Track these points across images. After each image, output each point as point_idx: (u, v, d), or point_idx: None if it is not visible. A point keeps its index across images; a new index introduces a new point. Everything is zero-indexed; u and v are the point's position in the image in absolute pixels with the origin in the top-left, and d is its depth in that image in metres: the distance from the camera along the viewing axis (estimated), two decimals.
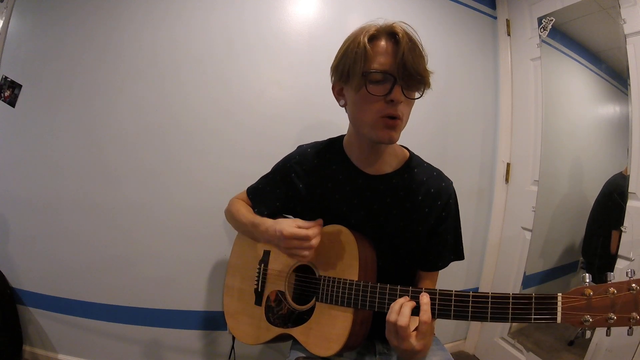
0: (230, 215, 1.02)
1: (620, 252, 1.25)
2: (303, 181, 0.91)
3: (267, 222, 0.87)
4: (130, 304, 1.39)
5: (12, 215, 1.42)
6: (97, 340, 1.40)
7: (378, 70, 0.71)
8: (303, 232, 0.77)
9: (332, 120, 1.34)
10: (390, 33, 0.71)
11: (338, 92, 0.82)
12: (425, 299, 0.67)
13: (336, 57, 0.79)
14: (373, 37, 0.72)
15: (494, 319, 0.61)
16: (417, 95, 0.75)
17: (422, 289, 0.69)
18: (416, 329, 0.65)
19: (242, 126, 1.40)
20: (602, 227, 1.42)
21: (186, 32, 1.37)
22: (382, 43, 0.72)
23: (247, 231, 0.96)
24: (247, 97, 1.40)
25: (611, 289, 0.54)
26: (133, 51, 1.37)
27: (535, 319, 0.58)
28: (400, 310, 0.66)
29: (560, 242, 1.66)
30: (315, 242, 0.78)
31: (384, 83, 0.71)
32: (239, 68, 1.39)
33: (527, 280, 1.61)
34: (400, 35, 0.70)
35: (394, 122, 0.73)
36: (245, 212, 0.97)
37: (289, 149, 1.00)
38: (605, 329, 0.55)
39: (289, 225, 0.79)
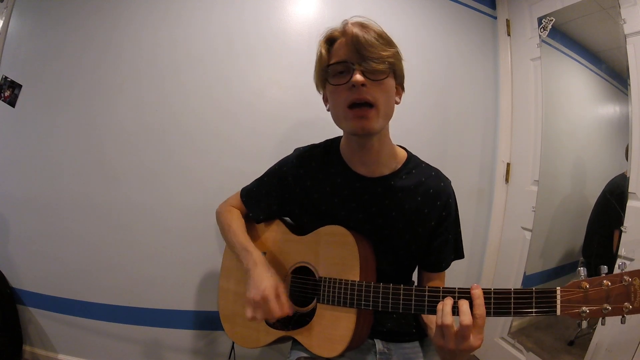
0: (221, 226, 0.98)
1: (620, 252, 1.25)
2: (300, 185, 0.90)
3: (258, 259, 0.83)
4: (130, 304, 1.39)
5: (12, 215, 1.42)
6: (97, 340, 1.40)
7: (335, 62, 0.75)
8: (271, 307, 0.76)
9: (331, 120, 1.34)
10: (343, 28, 0.76)
11: (325, 99, 0.85)
12: (477, 291, 0.63)
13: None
14: (330, 39, 0.78)
15: (497, 313, 0.62)
16: (381, 76, 0.74)
17: (425, 287, 0.69)
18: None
19: (242, 126, 1.40)
20: (603, 227, 1.42)
21: (186, 32, 1.38)
22: (339, 41, 0.76)
23: (234, 251, 0.92)
24: (247, 97, 1.40)
25: (605, 282, 0.57)
26: (133, 51, 1.37)
27: (536, 312, 0.59)
28: (460, 310, 0.62)
29: (561, 242, 1.66)
30: (270, 319, 0.79)
31: (345, 73, 0.74)
32: (239, 68, 1.40)
33: (527, 280, 1.61)
34: (349, 26, 0.74)
35: (362, 111, 0.73)
36: (238, 231, 0.92)
37: (289, 149, 1.00)
38: (601, 319, 0.58)
39: (271, 290, 0.77)
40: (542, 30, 1.58)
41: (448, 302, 0.64)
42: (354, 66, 0.72)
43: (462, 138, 1.72)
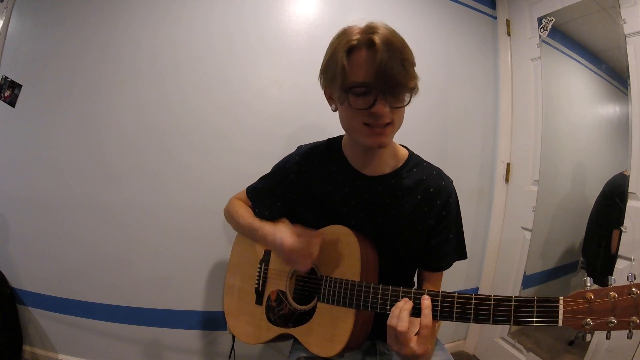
0: (229, 216, 1.02)
1: (620, 252, 1.25)
2: (302, 183, 0.91)
3: (266, 228, 0.87)
4: (130, 304, 1.39)
5: (12, 215, 1.42)
6: (97, 340, 1.40)
7: (358, 84, 0.70)
8: (303, 245, 0.78)
9: (331, 120, 1.34)
10: (368, 42, 0.69)
11: (329, 97, 0.81)
12: (426, 302, 0.66)
13: (323, 62, 0.78)
14: (352, 49, 0.71)
15: (496, 321, 0.61)
16: (400, 104, 0.73)
17: (424, 290, 0.69)
18: (417, 333, 0.65)
19: (242, 126, 1.40)
20: (603, 227, 1.42)
21: (186, 32, 1.37)
22: (362, 54, 0.70)
23: (246, 233, 0.96)
24: (247, 97, 1.40)
25: (612, 293, 0.54)
26: (133, 51, 1.37)
27: (536, 321, 0.58)
28: (399, 315, 0.65)
29: (560, 242, 1.66)
30: (315, 253, 0.79)
31: (366, 95, 0.70)
32: (239, 68, 1.40)
33: (527, 280, 1.61)
34: (378, 45, 0.67)
35: (381, 130, 0.73)
36: (244, 214, 0.96)
37: (289, 148, 1.00)
38: (606, 333, 0.55)
39: (289, 235, 0.80)
40: (542, 30, 1.58)
41: (398, 304, 0.67)
42: (379, 96, 0.69)
43: (462, 138, 1.72)
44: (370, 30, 0.70)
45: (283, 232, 0.82)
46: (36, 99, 1.40)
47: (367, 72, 0.69)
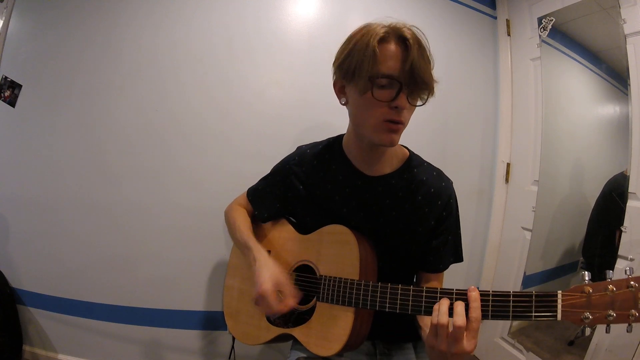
0: (228, 224, 1.00)
1: (620, 252, 1.25)
2: (302, 182, 0.91)
3: (257, 255, 0.84)
4: (130, 304, 1.39)
5: (12, 215, 1.42)
6: (97, 340, 1.40)
7: (385, 75, 0.70)
8: (273, 299, 0.76)
9: (331, 120, 1.34)
10: (400, 37, 0.70)
11: (339, 90, 0.80)
12: (474, 294, 0.62)
13: (341, 54, 0.76)
14: (382, 40, 0.70)
15: (495, 316, 0.61)
16: (419, 102, 0.74)
17: (423, 288, 0.69)
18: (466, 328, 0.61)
19: (242, 126, 1.40)
20: (603, 227, 1.42)
21: (186, 32, 1.38)
22: (392, 47, 0.70)
23: (239, 247, 0.94)
24: (247, 98, 1.40)
25: (610, 287, 0.54)
26: (133, 51, 1.37)
27: (535, 316, 0.58)
28: (454, 311, 0.61)
29: (561, 242, 1.66)
30: (276, 310, 0.76)
31: (389, 88, 0.70)
32: (239, 68, 1.40)
33: (527, 280, 1.61)
34: (411, 41, 0.68)
35: (396, 126, 0.73)
36: (242, 227, 0.93)
37: (288, 149, 1.00)
38: (605, 326, 0.56)
39: (270, 279, 0.77)
40: (542, 30, 1.58)
41: (444, 302, 0.64)
42: (403, 88, 0.70)
43: (462, 138, 1.72)
44: (397, 27, 0.71)
45: (267, 273, 0.78)
46: (36, 99, 1.40)
47: (396, 65, 0.70)
